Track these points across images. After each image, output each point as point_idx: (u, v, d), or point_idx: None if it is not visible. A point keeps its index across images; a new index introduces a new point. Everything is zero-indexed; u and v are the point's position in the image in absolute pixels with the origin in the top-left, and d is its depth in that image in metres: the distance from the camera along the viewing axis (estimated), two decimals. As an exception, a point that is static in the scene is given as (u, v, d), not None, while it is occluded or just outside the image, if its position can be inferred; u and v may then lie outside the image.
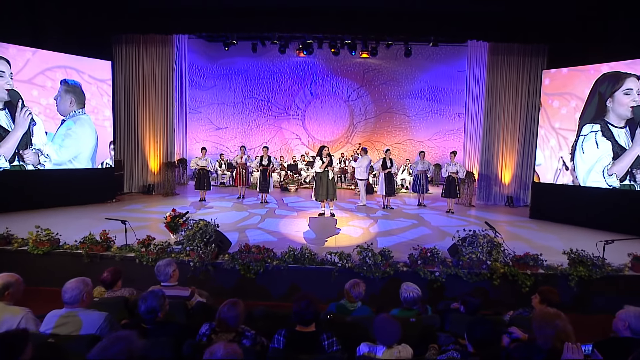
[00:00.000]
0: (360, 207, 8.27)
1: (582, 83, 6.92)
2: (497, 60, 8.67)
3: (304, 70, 14.80)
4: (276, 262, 4.27)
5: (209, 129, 15.16)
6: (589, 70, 6.81)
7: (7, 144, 6.82)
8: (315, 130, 15.16)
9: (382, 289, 4.21)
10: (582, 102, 6.89)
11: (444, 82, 13.77)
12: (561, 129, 7.30)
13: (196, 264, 4.32)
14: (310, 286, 4.30)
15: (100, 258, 4.55)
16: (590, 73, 6.78)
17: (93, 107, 7.81)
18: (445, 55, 13.55)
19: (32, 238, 4.66)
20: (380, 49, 13.13)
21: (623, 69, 6.31)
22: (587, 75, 6.83)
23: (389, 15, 7.97)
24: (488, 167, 8.99)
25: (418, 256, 4.20)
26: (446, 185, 7.98)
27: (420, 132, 14.36)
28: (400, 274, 4.15)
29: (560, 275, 4.23)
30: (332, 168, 6.97)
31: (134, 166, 9.41)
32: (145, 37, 9.02)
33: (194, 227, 4.57)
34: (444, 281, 4.12)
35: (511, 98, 8.66)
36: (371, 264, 4.08)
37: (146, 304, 2.13)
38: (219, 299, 4.39)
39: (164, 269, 2.93)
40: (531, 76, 8.41)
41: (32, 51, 6.96)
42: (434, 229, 6.40)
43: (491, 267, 4.12)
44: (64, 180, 7.51)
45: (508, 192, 8.89)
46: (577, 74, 7.02)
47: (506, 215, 7.87)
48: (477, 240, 4.29)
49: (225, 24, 8.45)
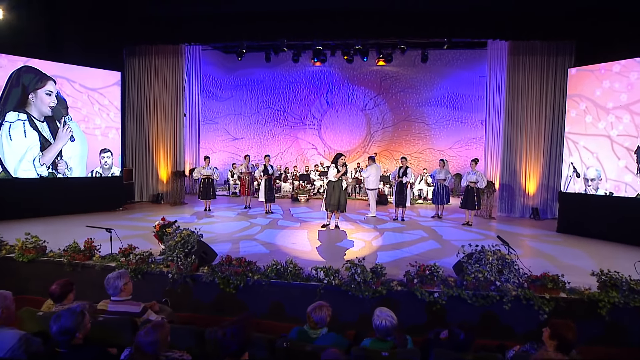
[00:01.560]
0: (369, 219, 7.79)
1: (591, 83, 6.38)
2: (518, 61, 8.02)
3: (319, 79, 14.64)
4: (257, 277, 3.91)
5: (225, 139, 15.25)
6: (599, 70, 6.28)
7: (49, 154, 7.37)
8: (331, 140, 14.86)
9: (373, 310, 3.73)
10: (593, 104, 6.37)
11: (465, 89, 13.10)
12: (571, 133, 6.71)
13: (174, 276, 4.05)
14: (294, 304, 3.90)
15: (82, 267, 4.40)
16: (601, 73, 6.26)
17: (84, 115, 7.84)
18: (465, 60, 12.94)
19: (18, 245, 4.59)
20: (396, 55, 12.72)
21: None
22: (598, 75, 6.29)
23: (399, 17, 7.63)
24: (510, 176, 8.25)
25: (415, 274, 3.70)
26: (464, 196, 7.35)
27: (441, 140, 13.68)
28: (393, 294, 3.67)
29: (588, 300, 3.58)
30: (346, 178, 6.59)
31: (144, 175, 9.47)
32: (156, 49, 9.16)
33: (177, 237, 4.32)
34: (445, 304, 3.59)
35: (535, 101, 7.95)
36: (360, 282, 3.63)
37: (59, 323, 1.85)
38: (198, 315, 4.14)
39: (113, 281, 2.66)
40: (557, 76, 7.68)
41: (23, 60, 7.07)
42: (445, 243, 5.82)
43: (501, 288, 3.55)
44: (74, 188, 7.63)
45: (533, 203, 8.09)
46: (586, 74, 6.49)
47: (530, 228, 7.10)
48: (485, 257, 3.74)
49: (233, 32, 8.42)
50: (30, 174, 7.14)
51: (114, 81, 8.19)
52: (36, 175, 7.22)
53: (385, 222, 7.44)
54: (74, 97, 7.67)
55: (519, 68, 8.02)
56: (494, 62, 9.19)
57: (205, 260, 4.37)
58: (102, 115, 8.07)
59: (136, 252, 4.31)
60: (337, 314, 3.81)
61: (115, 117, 8.27)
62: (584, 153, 6.49)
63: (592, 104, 6.41)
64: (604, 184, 6.24)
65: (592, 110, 6.41)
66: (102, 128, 8.09)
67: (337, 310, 3.81)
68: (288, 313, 3.91)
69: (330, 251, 5.24)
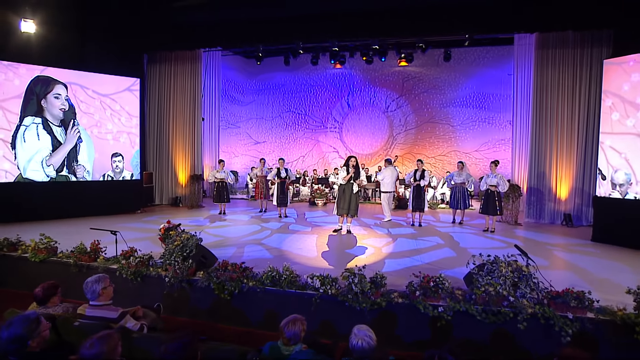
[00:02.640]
0: (384, 223, 7.47)
1: (619, 77, 5.79)
2: (547, 55, 7.40)
3: (340, 81, 14.47)
4: (252, 283, 3.76)
5: (247, 143, 15.42)
6: (627, 62, 5.68)
7: (57, 156, 7.62)
8: (352, 143, 14.61)
9: (373, 324, 3.46)
10: (620, 99, 5.81)
11: (492, 88, 12.42)
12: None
13: (171, 280, 3.99)
14: (290, 313, 3.69)
15: (87, 268, 4.46)
16: (630, 65, 5.66)
17: (96, 120, 8.09)
18: (492, 58, 12.28)
19: (32, 246, 4.75)
20: (418, 55, 12.29)
21: None
22: (626, 68, 5.70)
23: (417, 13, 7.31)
24: (539, 179, 7.62)
25: (418, 285, 3.40)
26: (484, 200, 6.86)
27: (467, 142, 13.03)
28: (394, 306, 3.38)
29: (622, 323, 3.10)
30: (359, 181, 6.31)
31: (164, 179, 9.69)
32: (175, 55, 9.38)
33: (177, 240, 4.28)
34: (450, 319, 3.26)
35: (566, 98, 7.30)
36: (358, 292, 3.38)
37: (9, 330, 1.77)
38: (196, 321, 4.06)
39: (91, 285, 2.60)
40: (592, 71, 7.01)
41: (40, 69, 7.45)
42: (461, 251, 5.41)
43: (514, 304, 3.17)
44: (94, 192, 7.91)
45: (565, 208, 7.41)
46: (613, 67, 5.92)
47: (560, 236, 6.49)
48: (498, 268, 3.37)
49: (247, 36, 8.45)
50: (37, 175, 7.38)
51: (125, 87, 8.40)
52: (45, 176, 7.45)
53: (401, 228, 7.10)
54: (87, 102, 7.97)
55: (547, 62, 7.41)
56: (521, 58, 8.58)
57: (205, 265, 4.28)
58: (114, 120, 8.32)
59: (137, 255, 4.31)
60: (334, 325, 3.60)
61: (127, 122, 8.48)
62: (611, 154, 5.90)
63: (619, 99, 5.83)
64: (634, 188, 5.61)
65: (619, 106, 5.83)
66: (114, 133, 8.34)
67: (334, 322, 3.60)
68: (283, 322, 3.71)
69: (337, 258, 5.01)
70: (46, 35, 7.30)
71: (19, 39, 7.15)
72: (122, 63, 8.29)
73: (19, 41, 7.13)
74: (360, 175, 6.27)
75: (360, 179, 6.27)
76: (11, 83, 7.19)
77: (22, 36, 7.15)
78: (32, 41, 7.23)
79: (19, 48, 7.15)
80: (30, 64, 7.34)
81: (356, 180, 6.24)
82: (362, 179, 6.26)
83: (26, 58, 7.26)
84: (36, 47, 7.27)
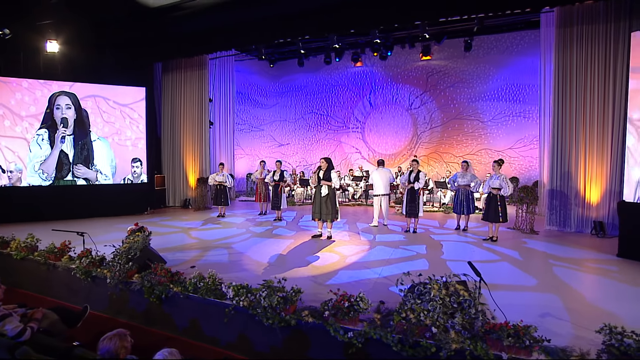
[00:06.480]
0: (371, 228, 6.98)
1: None
2: (571, 34, 6.30)
3: (362, 80, 13.98)
4: (177, 289, 3.64)
5: (271, 145, 15.58)
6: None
7: (48, 162, 8.10)
8: (375, 143, 14.03)
9: (285, 344, 3.14)
10: None
11: (526, 78, 11.03)
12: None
13: (111, 282, 4.03)
14: (211, 323, 3.53)
15: (53, 267, 4.71)
16: None
17: (117, 128, 8.66)
18: (525, 44, 10.94)
19: (15, 244, 5.15)
20: (443, 48, 11.53)
21: None
22: None
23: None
24: (562, 180, 6.52)
25: (332, 305, 2.98)
26: (486, 205, 6.03)
27: (499, 139, 11.76)
28: (303, 325, 3.01)
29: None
30: (329, 184, 5.95)
31: (176, 181, 10.09)
32: (185, 62, 9.73)
33: (125, 243, 4.35)
34: (361, 347, 2.80)
35: (595, 84, 6.15)
36: (267, 307, 3.07)
37: None
38: (132, 323, 4.05)
39: (-27, 288, 2.64)
40: (626, 48, 5.81)
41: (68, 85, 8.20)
42: (439, 263, 4.76)
43: (437, 337, 2.62)
44: (107, 194, 8.49)
45: (596, 215, 6.23)
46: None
47: (583, 249, 5.43)
48: (429, 291, 2.84)
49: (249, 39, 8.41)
50: (34, 180, 7.96)
51: (142, 96, 8.91)
52: (42, 181, 8.00)
53: (391, 234, 6.52)
54: (109, 112, 8.56)
55: (572, 42, 6.30)
56: (547, 41, 7.48)
57: (149, 268, 4.27)
58: (133, 128, 8.84)
59: (90, 256, 4.43)
60: (250, 340, 3.33)
61: (144, 129, 8.97)
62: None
63: None
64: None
65: None
66: (133, 139, 8.86)
67: (249, 337, 3.33)
68: (205, 332, 3.55)
69: (288, 265, 4.69)
70: (68, 54, 8.01)
71: (46, 58, 7.97)
72: (132, 73, 8.78)
73: (45, 60, 7.97)
74: (331, 177, 5.86)
75: (332, 181, 5.87)
76: (45, 99, 8.07)
77: (47, 56, 7.94)
78: (56, 60, 8.01)
79: (47, 67, 8.01)
80: (58, 80, 8.14)
81: (329, 182, 5.85)
82: (334, 181, 5.85)
83: (53, 75, 8.08)
84: (61, 64, 8.09)
